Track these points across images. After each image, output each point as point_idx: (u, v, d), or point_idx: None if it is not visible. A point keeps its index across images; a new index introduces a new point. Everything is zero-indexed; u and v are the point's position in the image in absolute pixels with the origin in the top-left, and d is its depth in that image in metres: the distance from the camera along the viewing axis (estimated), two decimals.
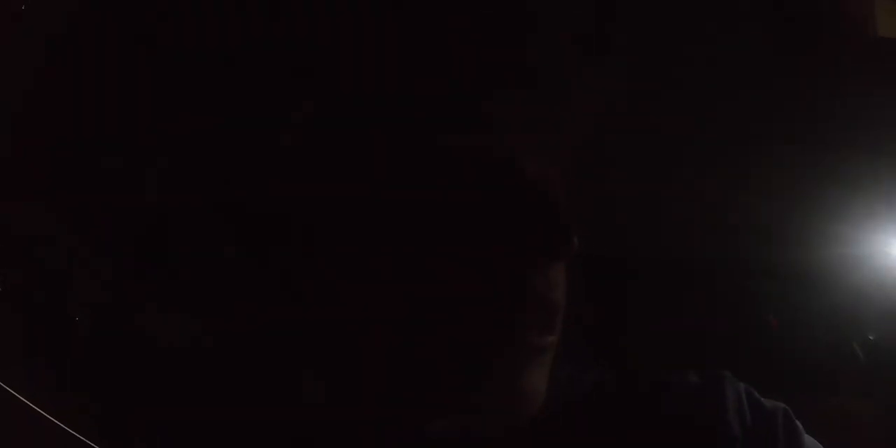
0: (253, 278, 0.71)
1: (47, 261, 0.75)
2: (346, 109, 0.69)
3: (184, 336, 0.71)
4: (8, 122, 0.75)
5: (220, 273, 0.72)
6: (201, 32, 0.73)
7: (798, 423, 0.72)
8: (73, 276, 0.74)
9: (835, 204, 0.80)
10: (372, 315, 0.67)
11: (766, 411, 0.71)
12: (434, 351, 0.66)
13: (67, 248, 0.74)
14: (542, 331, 0.66)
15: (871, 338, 0.82)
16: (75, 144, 0.73)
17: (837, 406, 0.81)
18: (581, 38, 0.73)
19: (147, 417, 0.70)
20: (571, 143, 0.71)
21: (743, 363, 0.75)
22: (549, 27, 0.73)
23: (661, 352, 0.77)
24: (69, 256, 0.74)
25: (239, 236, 0.72)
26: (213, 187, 0.72)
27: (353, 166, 0.69)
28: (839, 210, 0.80)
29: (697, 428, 0.71)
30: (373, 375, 0.69)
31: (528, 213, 0.66)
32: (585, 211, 0.75)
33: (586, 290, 0.74)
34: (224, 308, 0.72)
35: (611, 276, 0.79)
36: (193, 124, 0.73)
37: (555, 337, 0.66)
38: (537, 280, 0.65)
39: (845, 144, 0.79)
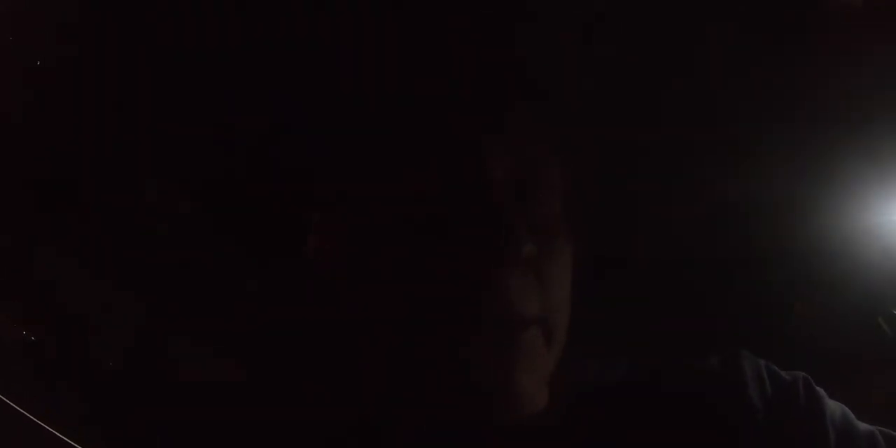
0: (253, 279, 0.72)
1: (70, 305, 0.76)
2: (343, 109, 0.69)
3: (185, 338, 0.72)
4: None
5: (221, 273, 0.73)
6: (201, 32, 0.73)
7: (820, 389, 0.74)
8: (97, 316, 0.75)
9: (849, 181, 0.80)
10: (364, 315, 0.68)
11: (785, 382, 0.74)
12: (407, 353, 0.68)
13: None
14: (510, 334, 0.67)
15: (895, 312, 0.83)
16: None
17: (866, 381, 0.82)
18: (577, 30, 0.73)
19: (148, 418, 0.71)
20: (568, 146, 0.71)
21: (768, 345, 0.77)
22: (543, 25, 0.73)
23: (686, 342, 0.78)
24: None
25: (240, 238, 0.72)
26: (214, 188, 0.72)
27: (349, 165, 0.70)
28: (854, 187, 0.80)
29: (720, 404, 0.73)
30: (371, 375, 0.70)
31: (477, 216, 0.67)
32: (601, 208, 0.76)
33: (609, 286, 0.75)
34: (225, 308, 0.72)
35: (630, 271, 0.80)
36: (194, 124, 0.73)
37: (522, 336, 0.67)
38: (498, 284, 0.66)
39: (853, 118, 0.79)
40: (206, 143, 0.74)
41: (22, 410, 0.68)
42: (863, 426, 0.73)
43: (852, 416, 0.73)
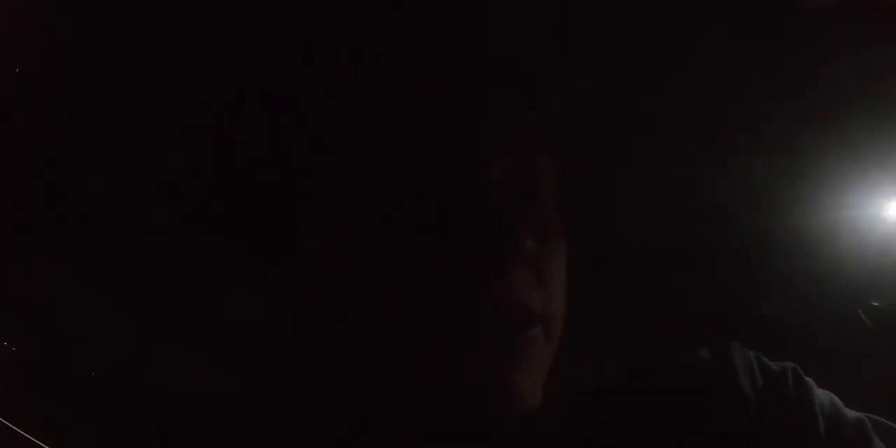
0: (253, 279, 0.72)
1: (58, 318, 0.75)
2: (342, 109, 0.69)
3: (185, 338, 0.72)
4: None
5: (221, 274, 0.73)
6: (201, 32, 0.73)
7: (808, 379, 0.75)
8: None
9: (831, 175, 0.80)
10: (364, 315, 0.68)
11: (775, 373, 0.75)
12: (408, 352, 0.68)
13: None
14: (510, 333, 0.67)
15: (875, 304, 0.84)
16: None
17: (850, 372, 0.82)
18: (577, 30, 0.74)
19: (145, 419, 0.71)
20: (560, 144, 0.71)
21: (754, 339, 0.77)
22: (542, 25, 0.73)
23: (680, 338, 0.78)
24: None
25: (240, 238, 0.72)
26: (214, 188, 0.73)
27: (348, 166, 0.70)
28: (835, 181, 0.80)
29: (712, 396, 0.73)
30: (371, 375, 0.70)
31: (477, 216, 0.67)
32: (600, 208, 0.76)
33: (608, 285, 0.76)
34: (225, 309, 0.72)
35: (629, 270, 0.80)
36: (194, 124, 0.73)
37: (524, 336, 0.67)
38: (498, 284, 0.66)
39: (835, 111, 0.80)
40: (206, 143, 0.74)
41: (7, 423, 0.68)
42: (851, 413, 0.74)
43: (841, 404, 0.74)
